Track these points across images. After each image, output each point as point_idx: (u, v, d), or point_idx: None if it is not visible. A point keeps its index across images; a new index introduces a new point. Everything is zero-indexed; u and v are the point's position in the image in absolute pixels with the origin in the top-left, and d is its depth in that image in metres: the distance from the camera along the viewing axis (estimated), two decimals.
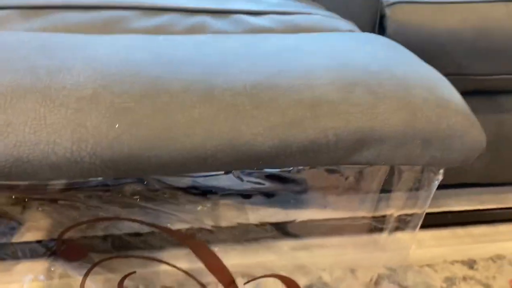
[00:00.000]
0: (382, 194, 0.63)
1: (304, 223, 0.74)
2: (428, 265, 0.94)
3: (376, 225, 0.72)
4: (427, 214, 0.71)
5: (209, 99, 0.32)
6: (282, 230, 0.70)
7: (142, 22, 0.50)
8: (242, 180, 0.46)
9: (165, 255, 0.49)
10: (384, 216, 0.71)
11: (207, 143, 0.32)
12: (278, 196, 0.70)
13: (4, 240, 0.50)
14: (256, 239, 0.67)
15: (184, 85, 0.33)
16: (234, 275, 0.62)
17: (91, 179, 0.34)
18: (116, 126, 0.31)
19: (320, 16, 0.56)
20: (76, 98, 0.31)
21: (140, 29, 0.49)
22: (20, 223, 0.49)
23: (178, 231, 0.41)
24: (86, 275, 0.38)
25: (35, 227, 0.49)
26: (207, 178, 0.41)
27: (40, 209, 0.39)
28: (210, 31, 0.48)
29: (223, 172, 0.34)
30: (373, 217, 0.72)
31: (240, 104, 0.33)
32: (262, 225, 0.67)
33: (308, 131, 0.33)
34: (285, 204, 0.71)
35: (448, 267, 0.93)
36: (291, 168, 0.49)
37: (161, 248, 0.47)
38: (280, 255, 0.73)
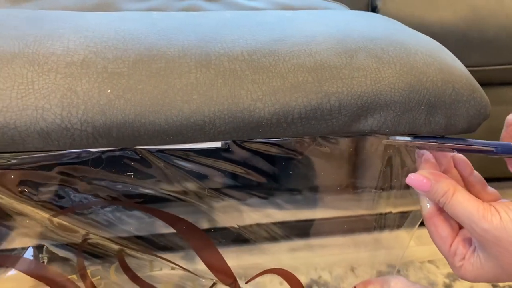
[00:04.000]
0: (381, 192, 0.61)
1: (302, 223, 0.73)
2: (429, 261, 0.93)
3: (376, 223, 0.71)
4: None
5: (206, 64, 0.31)
6: (280, 231, 0.68)
7: (132, 6, 0.49)
8: None
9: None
10: (383, 214, 0.70)
11: (205, 108, 0.30)
12: (274, 197, 0.68)
13: None
14: (253, 240, 0.65)
15: (179, 50, 0.31)
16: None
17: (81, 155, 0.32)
18: (109, 91, 0.29)
19: None
20: (65, 64, 0.29)
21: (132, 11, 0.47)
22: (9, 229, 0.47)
23: (181, 218, 0.39)
24: (80, 250, 0.36)
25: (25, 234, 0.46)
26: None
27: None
28: None
29: (219, 145, 0.33)
30: (372, 215, 0.70)
31: (238, 69, 0.31)
32: (258, 226, 0.65)
33: (310, 96, 0.31)
34: (281, 205, 0.70)
35: None
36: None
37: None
38: (278, 256, 0.71)
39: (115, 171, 0.33)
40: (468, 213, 0.30)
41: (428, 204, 0.34)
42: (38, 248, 0.37)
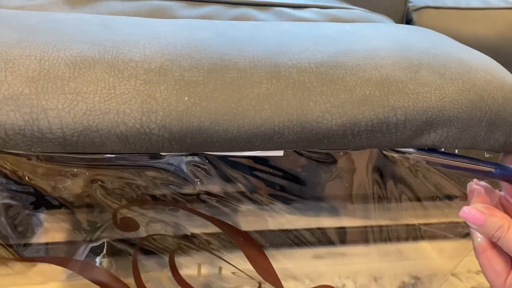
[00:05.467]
0: (407, 203, 0.62)
1: (326, 230, 0.73)
2: (453, 274, 0.93)
3: (399, 234, 0.71)
4: (448, 223, 0.70)
5: (276, 76, 0.32)
6: (303, 237, 0.69)
7: (187, 12, 0.50)
8: None
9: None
10: (406, 225, 0.70)
11: (275, 118, 0.31)
12: (298, 203, 0.68)
13: (24, 241, 0.49)
14: (276, 246, 0.65)
15: (250, 61, 0.32)
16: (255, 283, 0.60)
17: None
18: (186, 98, 0.30)
19: (360, 10, 0.56)
20: (144, 70, 0.30)
21: (185, 18, 0.49)
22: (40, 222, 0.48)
23: (234, 227, 0.40)
24: (137, 248, 0.37)
25: (56, 228, 0.48)
26: None
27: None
28: None
29: (281, 154, 0.34)
30: (396, 225, 0.71)
31: (307, 81, 0.32)
32: (282, 231, 0.66)
33: (377, 110, 0.32)
34: (305, 211, 0.70)
35: (473, 277, 0.91)
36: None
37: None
38: (301, 263, 0.71)
39: (183, 177, 0.34)
40: None
41: (479, 238, 0.34)
42: (96, 249, 0.38)
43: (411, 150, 0.35)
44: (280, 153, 0.34)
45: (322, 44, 0.36)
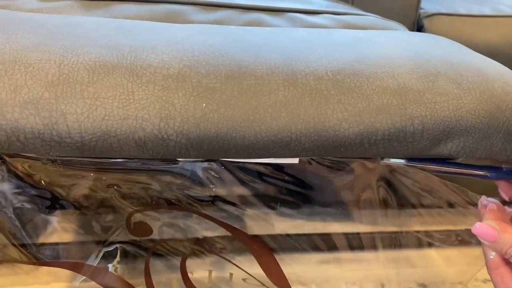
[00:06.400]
0: (414, 210, 0.61)
1: (332, 236, 0.73)
2: (460, 283, 0.92)
3: (406, 240, 0.70)
4: (455, 231, 0.69)
5: (293, 83, 0.32)
6: (309, 242, 0.69)
7: (200, 16, 0.50)
8: None
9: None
10: (413, 231, 0.69)
11: (292, 126, 0.31)
12: (305, 208, 0.68)
13: (37, 243, 0.49)
14: (283, 250, 0.65)
15: (267, 68, 0.32)
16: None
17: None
18: (204, 105, 0.30)
19: (373, 17, 0.56)
20: (162, 76, 0.30)
21: (199, 23, 0.49)
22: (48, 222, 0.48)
23: (244, 233, 0.40)
24: (149, 253, 0.37)
25: (69, 231, 0.48)
26: None
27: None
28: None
29: (297, 161, 0.34)
30: (402, 232, 0.70)
31: (324, 89, 0.32)
32: (288, 236, 0.65)
33: (394, 119, 0.32)
34: (312, 216, 0.70)
35: (481, 286, 0.90)
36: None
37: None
38: (308, 268, 0.71)
39: (198, 182, 0.34)
40: None
41: (491, 255, 0.34)
42: (108, 254, 0.38)
43: (402, 161, 0.36)
44: (295, 160, 0.34)
45: (339, 51, 0.36)
